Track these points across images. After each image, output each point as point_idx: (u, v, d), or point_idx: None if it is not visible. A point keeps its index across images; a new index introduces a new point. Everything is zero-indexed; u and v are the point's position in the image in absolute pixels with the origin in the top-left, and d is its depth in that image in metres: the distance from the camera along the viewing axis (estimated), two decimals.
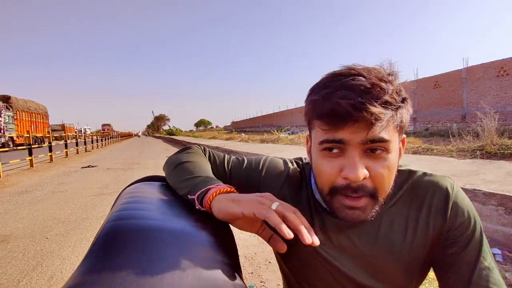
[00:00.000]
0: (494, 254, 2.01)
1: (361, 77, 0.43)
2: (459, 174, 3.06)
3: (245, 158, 0.66)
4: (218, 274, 0.35)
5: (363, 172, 0.43)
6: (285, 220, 0.41)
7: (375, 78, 0.43)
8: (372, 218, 0.48)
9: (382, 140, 0.43)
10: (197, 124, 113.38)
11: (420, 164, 4.04)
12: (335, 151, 0.45)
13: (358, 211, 0.46)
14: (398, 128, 0.46)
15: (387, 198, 0.50)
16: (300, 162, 0.64)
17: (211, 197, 0.46)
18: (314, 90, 0.47)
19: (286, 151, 7.29)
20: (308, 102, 0.48)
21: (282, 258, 0.63)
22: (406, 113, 0.46)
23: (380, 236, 0.52)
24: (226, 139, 16.53)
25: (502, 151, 4.18)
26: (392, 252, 0.52)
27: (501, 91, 13.92)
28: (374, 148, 0.44)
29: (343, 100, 0.41)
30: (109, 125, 76.18)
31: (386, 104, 0.42)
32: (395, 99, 0.43)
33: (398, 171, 0.54)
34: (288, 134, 14.71)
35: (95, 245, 0.34)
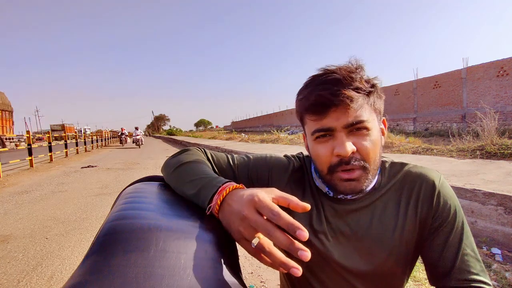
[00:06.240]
0: (494, 254, 2.01)
1: (334, 73, 0.52)
2: (459, 174, 3.06)
3: (250, 156, 0.68)
4: (218, 274, 0.35)
5: (350, 147, 0.51)
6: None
7: (345, 71, 0.52)
8: (366, 188, 0.54)
9: (361, 121, 0.51)
10: (197, 124, 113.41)
11: (419, 164, 4.02)
12: (325, 137, 0.53)
13: (354, 182, 0.53)
14: (374, 109, 0.55)
15: (380, 186, 0.58)
16: (301, 156, 0.70)
17: (219, 201, 0.44)
18: (300, 92, 0.57)
19: (286, 151, 7.28)
20: (297, 102, 0.58)
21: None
22: (378, 97, 0.56)
23: (374, 220, 0.57)
24: (226, 139, 16.51)
25: (502, 151, 4.19)
26: (384, 235, 0.56)
27: (501, 91, 13.92)
28: (357, 128, 0.52)
29: (323, 92, 0.51)
30: None
31: (357, 90, 0.51)
32: (364, 85, 0.52)
33: (392, 163, 0.62)
34: (288, 134, 14.71)
35: (95, 245, 0.34)
